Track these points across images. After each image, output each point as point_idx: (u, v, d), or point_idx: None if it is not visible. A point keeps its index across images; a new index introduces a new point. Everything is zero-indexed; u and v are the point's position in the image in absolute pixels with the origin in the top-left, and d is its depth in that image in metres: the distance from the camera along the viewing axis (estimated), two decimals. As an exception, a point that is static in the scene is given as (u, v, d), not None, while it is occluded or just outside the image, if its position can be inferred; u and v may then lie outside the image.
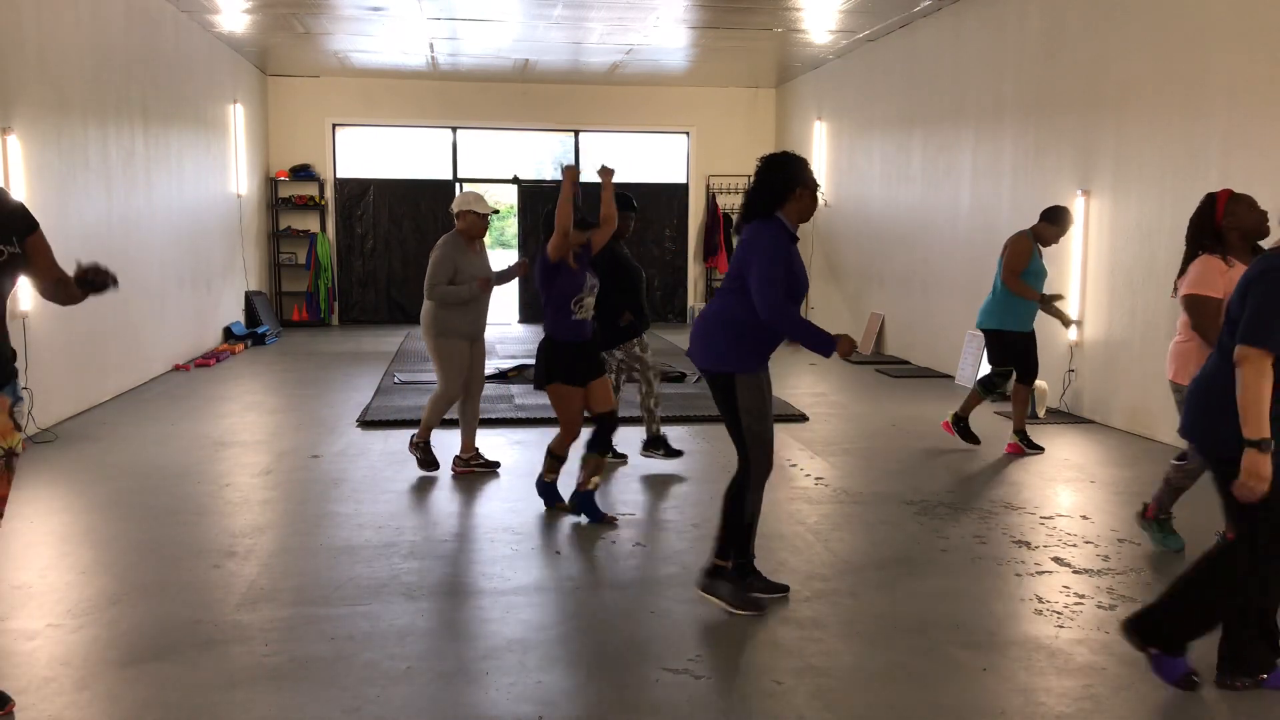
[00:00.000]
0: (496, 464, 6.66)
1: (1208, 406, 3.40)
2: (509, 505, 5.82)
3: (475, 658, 3.81)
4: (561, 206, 5.33)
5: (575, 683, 3.61)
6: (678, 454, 6.88)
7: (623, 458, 6.86)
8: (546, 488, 5.73)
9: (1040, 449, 7.19)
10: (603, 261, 6.36)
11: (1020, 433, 7.19)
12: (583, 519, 5.53)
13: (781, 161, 4.21)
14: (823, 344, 4.09)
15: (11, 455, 3.35)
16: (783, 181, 4.15)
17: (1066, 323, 7.29)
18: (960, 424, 7.31)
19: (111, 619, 4.12)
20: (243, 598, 4.37)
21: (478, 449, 6.64)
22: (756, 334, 4.16)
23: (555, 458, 5.66)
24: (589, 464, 5.55)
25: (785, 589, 4.45)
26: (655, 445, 6.87)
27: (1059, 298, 7.20)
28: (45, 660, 3.74)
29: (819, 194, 4.30)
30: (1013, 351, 7.10)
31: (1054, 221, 7.05)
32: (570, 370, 5.47)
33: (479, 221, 6.30)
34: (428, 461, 6.48)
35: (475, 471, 6.54)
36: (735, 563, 4.30)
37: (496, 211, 6.64)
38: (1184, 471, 4.97)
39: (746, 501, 4.25)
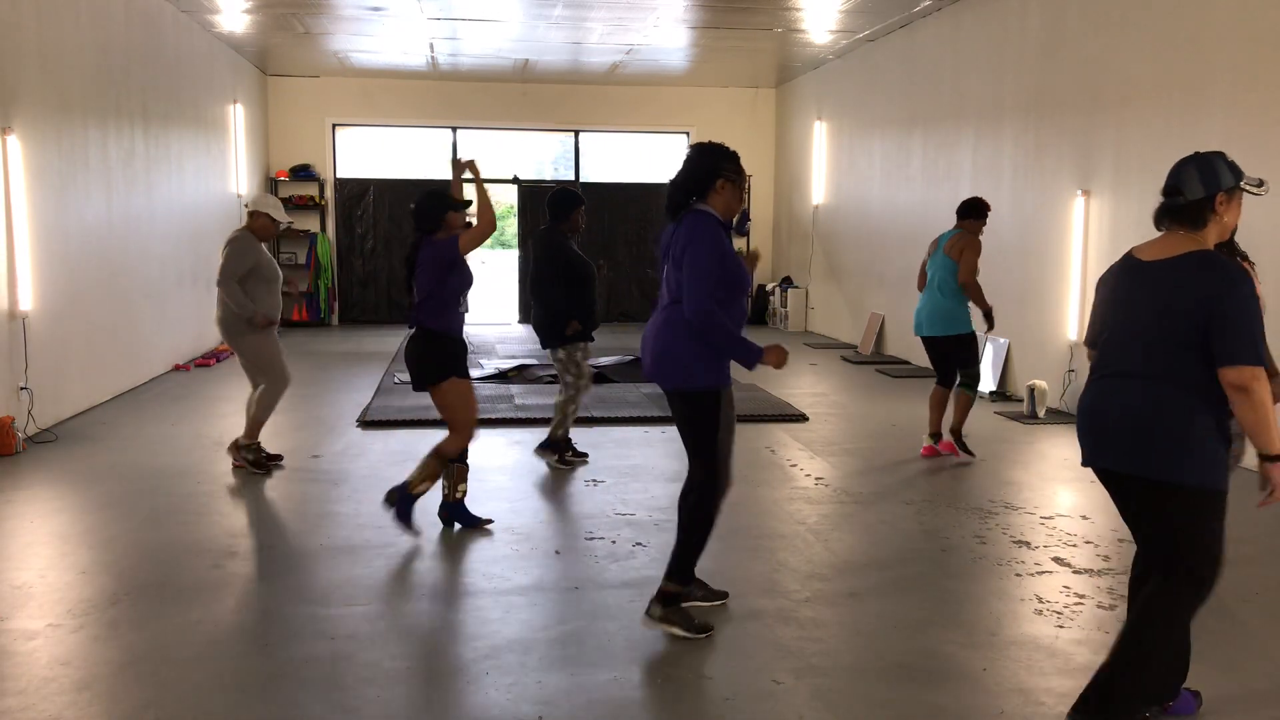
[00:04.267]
0: (279, 456, 6.71)
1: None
2: (509, 505, 5.81)
3: (475, 658, 3.81)
4: (485, 206, 5.23)
5: (575, 683, 3.61)
6: (581, 460, 6.75)
7: (583, 456, 6.80)
8: (459, 508, 5.33)
9: (973, 455, 6.99)
10: (552, 259, 6.41)
11: (956, 433, 7.01)
12: (456, 526, 5.39)
13: (709, 149, 4.05)
14: (750, 355, 3.89)
15: None
16: (707, 171, 3.99)
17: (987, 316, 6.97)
18: (959, 438, 7.07)
19: (111, 619, 4.12)
20: (243, 597, 4.37)
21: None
22: None
23: (457, 463, 5.27)
24: (459, 473, 5.35)
25: (724, 595, 4.37)
26: (554, 449, 6.67)
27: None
28: (45, 660, 3.73)
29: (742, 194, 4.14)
30: (971, 351, 6.94)
31: (981, 215, 6.93)
32: (463, 364, 5.24)
33: (271, 226, 6.60)
34: (260, 462, 6.47)
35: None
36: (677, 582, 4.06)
37: (290, 223, 6.96)
38: None
39: (712, 517, 4.03)
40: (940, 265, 6.95)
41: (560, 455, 6.70)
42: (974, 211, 6.96)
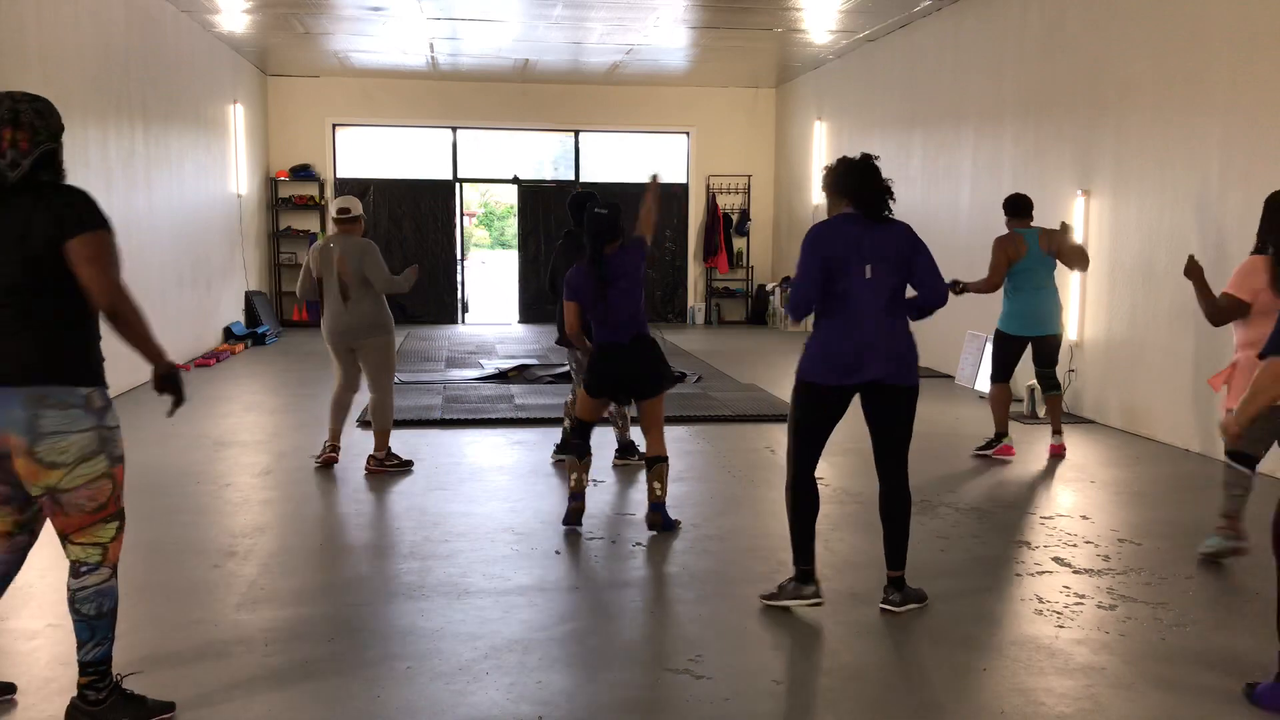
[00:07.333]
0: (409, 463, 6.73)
1: None
2: (509, 505, 5.81)
3: (475, 658, 3.81)
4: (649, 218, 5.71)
5: (575, 683, 3.61)
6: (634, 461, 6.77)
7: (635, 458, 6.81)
8: (661, 508, 5.33)
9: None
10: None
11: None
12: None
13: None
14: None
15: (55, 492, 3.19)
16: (888, 189, 4.42)
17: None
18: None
19: (111, 619, 4.11)
20: (243, 598, 4.37)
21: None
22: None
23: (657, 462, 5.36)
24: (658, 471, 5.37)
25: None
26: (627, 452, 6.80)
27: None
28: (45, 660, 3.74)
29: None
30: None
31: (1015, 213, 7.02)
32: None
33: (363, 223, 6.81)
34: (403, 464, 6.57)
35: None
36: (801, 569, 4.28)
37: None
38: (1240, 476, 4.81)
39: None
40: (1041, 263, 6.92)
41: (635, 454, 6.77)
42: (1007, 209, 7.07)
